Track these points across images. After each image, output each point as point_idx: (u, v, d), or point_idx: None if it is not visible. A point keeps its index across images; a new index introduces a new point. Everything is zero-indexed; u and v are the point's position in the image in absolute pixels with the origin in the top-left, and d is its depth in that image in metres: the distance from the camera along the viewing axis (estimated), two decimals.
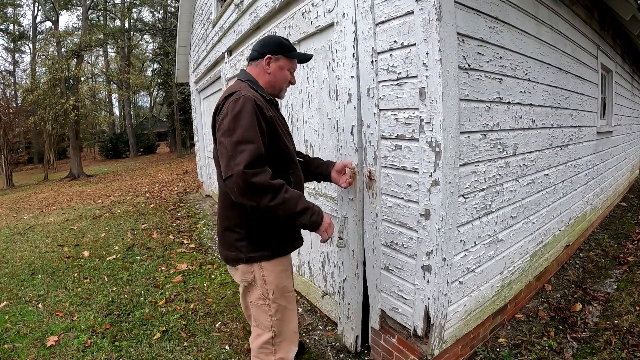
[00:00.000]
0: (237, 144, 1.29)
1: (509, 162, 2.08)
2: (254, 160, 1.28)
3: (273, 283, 1.53)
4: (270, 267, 1.53)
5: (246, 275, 1.54)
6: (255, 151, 1.29)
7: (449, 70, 1.45)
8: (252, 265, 1.51)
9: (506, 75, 1.95)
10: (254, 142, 1.31)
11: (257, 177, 1.28)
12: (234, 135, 1.30)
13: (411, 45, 1.52)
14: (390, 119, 1.69)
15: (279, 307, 1.57)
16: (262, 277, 1.52)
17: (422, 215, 1.60)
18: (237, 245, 1.51)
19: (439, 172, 1.49)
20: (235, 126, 1.31)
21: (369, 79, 1.77)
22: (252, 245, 1.50)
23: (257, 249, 1.50)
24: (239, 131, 1.30)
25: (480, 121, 1.74)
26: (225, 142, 1.31)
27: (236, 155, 1.28)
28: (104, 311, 3.01)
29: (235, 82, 1.56)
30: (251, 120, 1.33)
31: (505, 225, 2.22)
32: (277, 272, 1.54)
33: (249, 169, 1.26)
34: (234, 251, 1.52)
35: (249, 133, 1.31)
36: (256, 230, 1.50)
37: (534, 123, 2.37)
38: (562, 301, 2.92)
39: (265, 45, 1.59)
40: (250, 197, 1.29)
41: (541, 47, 2.47)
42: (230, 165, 1.28)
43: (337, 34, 1.97)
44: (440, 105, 1.42)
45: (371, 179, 1.84)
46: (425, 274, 1.70)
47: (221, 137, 1.34)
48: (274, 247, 1.54)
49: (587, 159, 3.87)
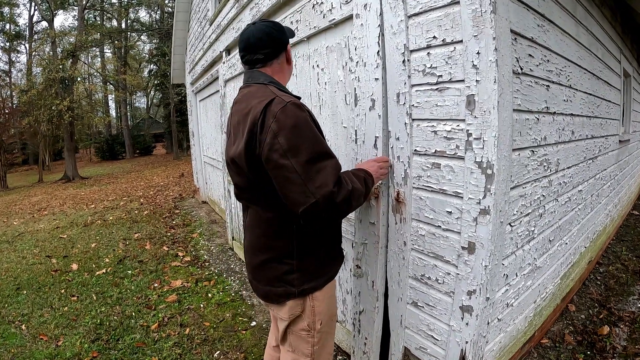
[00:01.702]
0: (310, 163, 1.08)
1: (551, 181, 1.82)
2: (337, 175, 1.11)
3: (323, 313, 1.36)
4: (322, 296, 1.34)
5: (295, 310, 1.33)
6: (336, 165, 1.13)
7: (505, 75, 1.17)
8: (304, 298, 1.32)
9: (552, 81, 1.69)
10: (328, 154, 1.13)
11: (340, 193, 1.10)
12: (301, 154, 1.08)
13: (456, 42, 1.24)
14: (427, 131, 1.41)
15: (323, 335, 1.39)
16: (311, 308, 1.33)
17: (465, 249, 1.33)
18: (286, 279, 1.29)
19: (489, 198, 1.21)
20: (298, 142, 1.09)
21: (399, 82, 1.49)
22: (305, 276, 1.30)
23: (311, 279, 1.31)
24: (306, 147, 1.09)
25: (530, 135, 1.47)
26: (292, 164, 1.08)
27: (315, 177, 1.08)
28: (91, 335, 2.75)
29: (256, 87, 1.28)
30: (312, 129, 1.13)
31: (543, 250, 1.96)
32: (327, 300, 1.37)
33: (335, 187, 1.09)
34: (281, 286, 1.30)
35: (318, 146, 1.11)
36: (309, 258, 1.31)
37: (573, 135, 2.11)
38: (587, 323, 2.74)
39: (275, 39, 1.32)
40: (344, 214, 1.17)
41: (579, 51, 2.22)
42: (310, 189, 1.07)
43: (356, 29, 1.69)
44: (495, 117, 1.15)
45: (399, 201, 1.55)
46: (464, 315, 1.43)
47: (282, 160, 1.09)
48: (326, 272, 1.36)
49: (610, 169, 3.65)
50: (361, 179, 1.26)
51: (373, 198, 1.68)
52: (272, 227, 1.29)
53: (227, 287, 3.52)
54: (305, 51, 2.26)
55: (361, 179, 1.26)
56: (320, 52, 2.11)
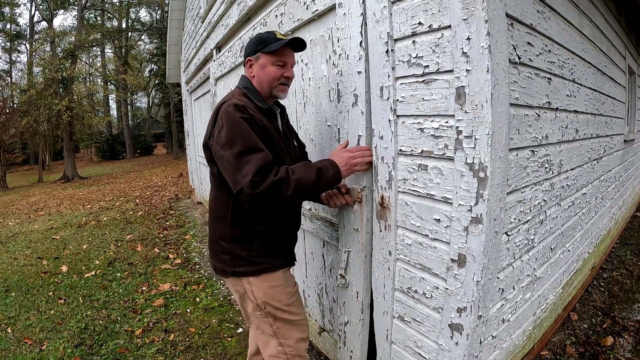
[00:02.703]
0: (240, 154, 1.26)
1: (553, 184, 1.66)
2: (260, 168, 1.24)
3: (262, 299, 1.49)
4: (258, 283, 1.48)
5: (237, 287, 1.53)
6: (262, 159, 1.25)
7: (499, 64, 1.02)
8: (240, 279, 1.50)
9: (554, 74, 1.54)
10: (257, 149, 1.27)
11: (265, 182, 1.23)
12: (234, 147, 1.26)
13: (444, 27, 1.09)
14: (413, 128, 1.26)
15: (278, 319, 1.53)
16: (250, 291, 1.49)
17: (455, 262, 1.17)
18: (221, 258, 1.50)
19: (482, 205, 1.06)
20: (233, 137, 1.27)
21: (383, 74, 1.34)
22: (235, 260, 1.47)
23: (242, 265, 1.48)
24: (239, 141, 1.27)
25: (529, 133, 1.32)
26: (227, 155, 1.27)
27: (242, 167, 1.25)
28: (75, 340, 2.71)
29: (233, 90, 1.53)
30: (245, 128, 1.30)
31: (544, 259, 1.81)
32: (266, 289, 1.49)
33: (257, 177, 1.22)
34: (220, 263, 1.52)
35: (249, 141, 1.28)
36: (238, 246, 1.47)
37: (577, 134, 1.96)
38: (590, 333, 2.62)
39: (246, 48, 1.53)
40: (267, 201, 1.27)
41: (583, 43, 2.07)
42: (237, 178, 1.25)
43: (339, 19, 1.55)
44: (489, 111, 0.99)
45: (384, 206, 1.40)
46: (453, 334, 1.28)
47: (221, 151, 1.30)
48: (259, 263, 1.48)
49: (615, 170, 3.49)
50: (314, 169, 1.34)
51: (357, 203, 1.54)
52: (215, 211, 1.51)
53: (216, 291, 3.42)
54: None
55: (314, 169, 1.34)
56: None
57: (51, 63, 15.75)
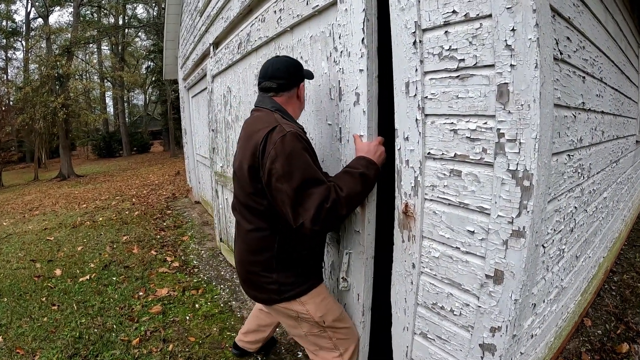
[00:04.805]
0: (300, 188, 1.23)
1: (583, 189, 1.56)
2: (322, 201, 1.22)
3: (317, 315, 1.50)
4: (310, 300, 1.49)
5: (288, 312, 1.53)
6: (323, 192, 1.23)
7: (546, 59, 0.90)
8: (290, 302, 1.48)
9: (587, 72, 1.43)
10: (318, 181, 1.25)
11: (323, 212, 1.22)
12: (293, 180, 1.23)
13: (483, 17, 0.97)
14: (444, 129, 1.14)
15: (336, 329, 1.55)
16: (305, 310, 1.49)
17: (490, 278, 1.06)
18: (268, 288, 1.47)
19: (525, 217, 0.94)
20: (292, 168, 1.24)
21: (409, 68, 1.21)
22: (284, 286, 1.46)
23: (290, 289, 1.47)
24: (298, 174, 1.23)
25: (567, 137, 1.21)
26: (285, 188, 1.24)
27: (304, 202, 1.22)
28: (69, 350, 2.57)
29: (264, 113, 1.45)
30: (305, 158, 1.27)
31: (570, 269, 1.70)
32: (319, 303, 1.51)
33: (319, 210, 1.21)
34: (265, 293, 1.49)
35: (309, 173, 1.25)
36: (287, 273, 1.46)
37: (603, 135, 1.85)
38: (604, 339, 2.53)
39: (291, 74, 1.48)
40: (330, 228, 1.35)
41: (608, 40, 1.96)
42: (299, 212, 1.23)
43: (340, 15, 1.45)
44: (536, 112, 0.87)
45: (408, 215, 1.28)
46: (484, 354, 1.17)
47: (277, 183, 1.26)
48: (304, 282, 1.50)
49: (628, 172, 3.40)
50: (357, 177, 1.30)
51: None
52: (255, 242, 1.44)
53: (216, 296, 3.29)
54: (289, 42, 2.02)
55: (357, 177, 1.30)
56: (304, 42, 1.87)
57: (47, 60, 15.52)
